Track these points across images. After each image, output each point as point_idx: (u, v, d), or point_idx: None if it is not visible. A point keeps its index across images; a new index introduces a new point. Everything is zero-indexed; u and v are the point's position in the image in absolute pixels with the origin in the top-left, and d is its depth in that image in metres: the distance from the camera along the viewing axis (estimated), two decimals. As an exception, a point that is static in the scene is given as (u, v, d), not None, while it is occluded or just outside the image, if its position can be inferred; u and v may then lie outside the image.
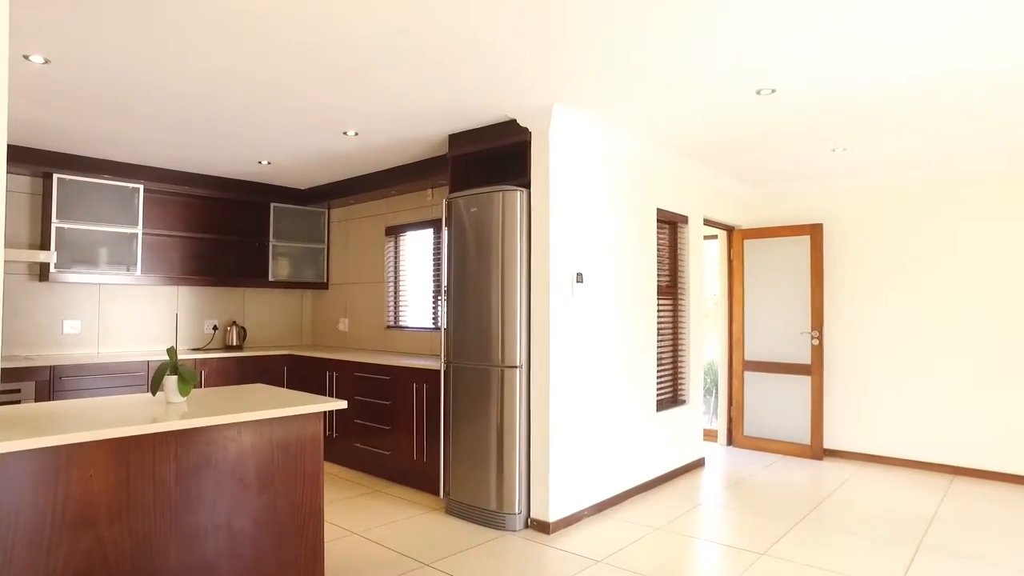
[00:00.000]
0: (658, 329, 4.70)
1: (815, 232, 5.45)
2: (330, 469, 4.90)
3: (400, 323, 5.54)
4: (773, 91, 3.21)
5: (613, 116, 3.71)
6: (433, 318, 5.22)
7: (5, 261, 4.50)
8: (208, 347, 5.54)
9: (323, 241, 6.14)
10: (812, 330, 5.41)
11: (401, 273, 5.58)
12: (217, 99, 3.43)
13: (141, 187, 4.91)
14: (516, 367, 3.61)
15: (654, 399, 4.55)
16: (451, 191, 4.10)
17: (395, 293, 5.61)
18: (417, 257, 5.45)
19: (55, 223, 4.53)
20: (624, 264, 4.23)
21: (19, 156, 4.42)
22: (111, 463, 2.03)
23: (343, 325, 6.01)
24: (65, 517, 1.92)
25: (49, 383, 4.27)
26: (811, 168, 5.04)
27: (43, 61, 2.87)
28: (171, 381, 2.44)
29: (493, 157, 4.14)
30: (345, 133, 4.08)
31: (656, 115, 3.67)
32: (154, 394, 2.41)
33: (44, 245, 4.61)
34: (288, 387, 5.48)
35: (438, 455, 4.15)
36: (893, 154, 4.53)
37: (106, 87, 3.24)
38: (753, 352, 5.79)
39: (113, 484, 2.03)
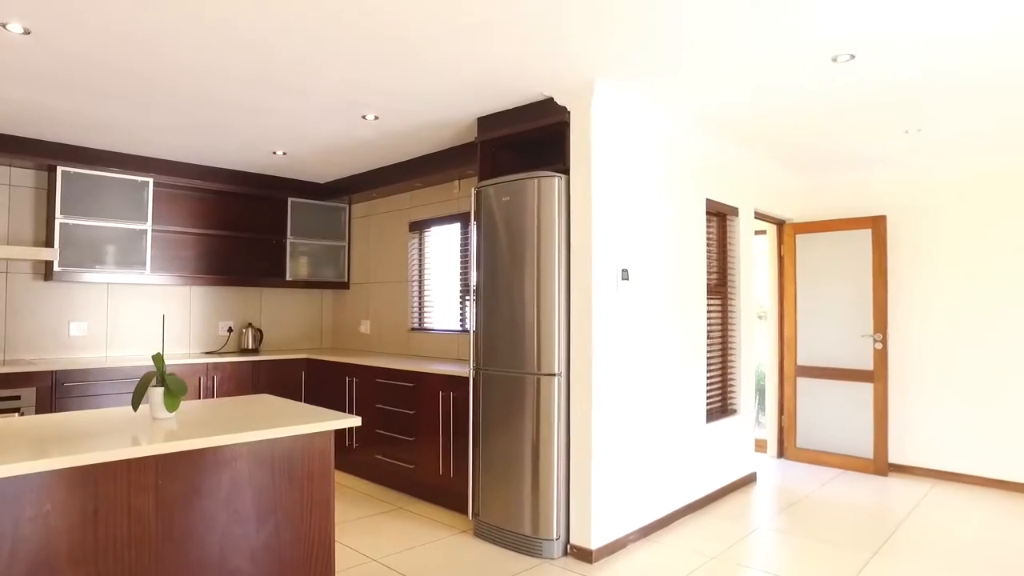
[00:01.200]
0: (707, 332, 4.26)
1: (877, 225, 4.96)
2: (349, 482, 4.55)
3: (425, 325, 5.18)
4: (852, 57, 2.77)
5: (661, 93, 3.30)
6: (460, 320, 4.85)
7: (7, 259, 4.23)
8: (223, 350, 5.24)
9: (344, 238, 5.81)
10: (874, 333, 4.92)
11: (426, 271, 5.23)
12: (222, 75, 3.09)
13: (151, 180, 4.62)
14: (554, 375, 3.22)
15: (704, 409, 4.11)
16: (480, 180, 3.72)
17: (419, 293, 5.25)
18: (443, 254, 5.09)
19: (59, 219, 4.25)
20: (672, 260, 3.80)
21: (21, 148, 4.15)
22: (74, 495, 1.68)
23: (365, 327, 5.68)
24: (14, 564, 1.58)
25: (51, 389, 3.99)
26: (875, 154, 4.56)
27: (23, 31, 2.56)
28: (156, 394, 2.09)
29: (527, 141, 3.75)
30: (364, 117, 3.73)
31: (710, 90, 3.25)
32: (135, 409, 2.06)
33: (49, 242, 4.34)
34: (306, 393, 5.15)
35: (466, 471, 3.78)
36: (974, 135, 4.04)
37: (98, 64, 2.92)
38: (807, 356, 5.31)
39: (78, 520, 1.68)
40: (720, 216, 4.58)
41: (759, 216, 5.07)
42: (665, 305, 3.73)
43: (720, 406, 4.50)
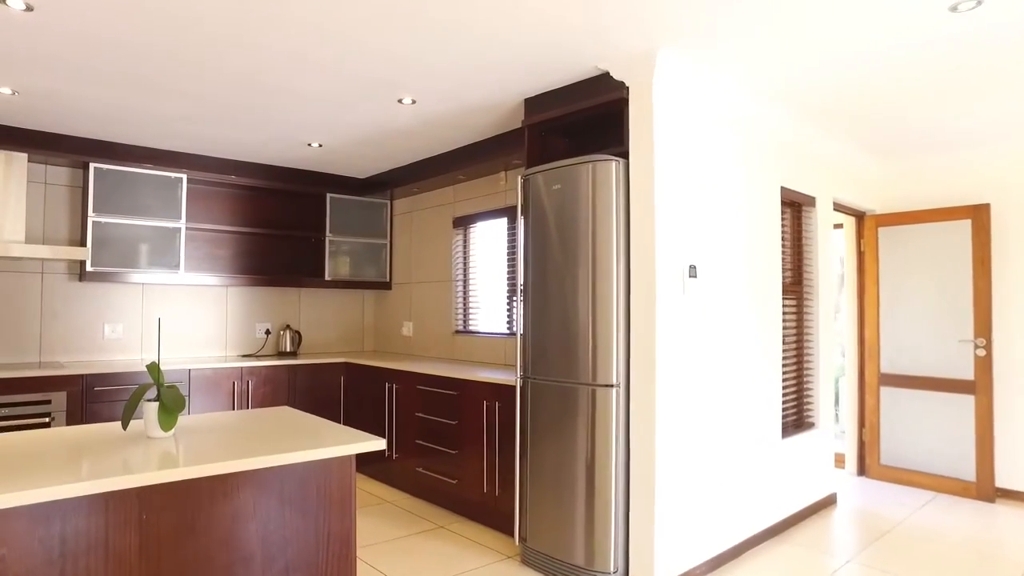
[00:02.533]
0: (781, 336, 3.80)
1: (979, 215, 4.37)
2: (389, 495, 4.26)
3: (470, 327, 4.85)
4: (978, 2, 2.29)
5: (733, 61, 2.87)
6: (508, 322, 4.50)
7: (43, 259, 4.10)
8: (260, 353, 5.03)
9: (385, 236, 5.55)
10: (975, 337, 4.33)
11: (471, 270, 4.90)
12: (249, 50, 2.82)
13: (184, 177, 4.44)
14: (612, 386, 2.83)
15: (779, 423, 3.65)
16: (528, 167, 3.36)
17: (464, 293, 4.93)
18: (489, 251, 4.75)
19: (91, 217, 4.09)
20: (744, 255, 3.36)
21: (54, 144, 4.01)
22: (34, 535, 1.39)
23: (407, 329, 5.39)
24: (-43, 623, 1.30)
25: (81, 394, 3.82)
26: (979, 132, 4.00)
27: (24, 7, 2.33)
28: (150, 410, 1.81)
29: (579, 124, 3.37)
30: (400, 101, 3.42)
31: (794, 55, 2.81)
32: (125, 426, 1.78)
33: (83, 241, 4.19)
34: (345, 400, 4.90)
35: (513, 489, 3.42)
36: (1104, 108, 3.46)
37: (108, 46, 2.69)
38: (892, 363, 4.75)
39: (41, 564, 1.40)
40: (794, 207, 4.09)
41: (836, 207, 4.55)
42: (736, 306, 3.30)
43: (796, 419, 4.02)
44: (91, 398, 3.85)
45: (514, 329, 4.15)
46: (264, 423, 2.14)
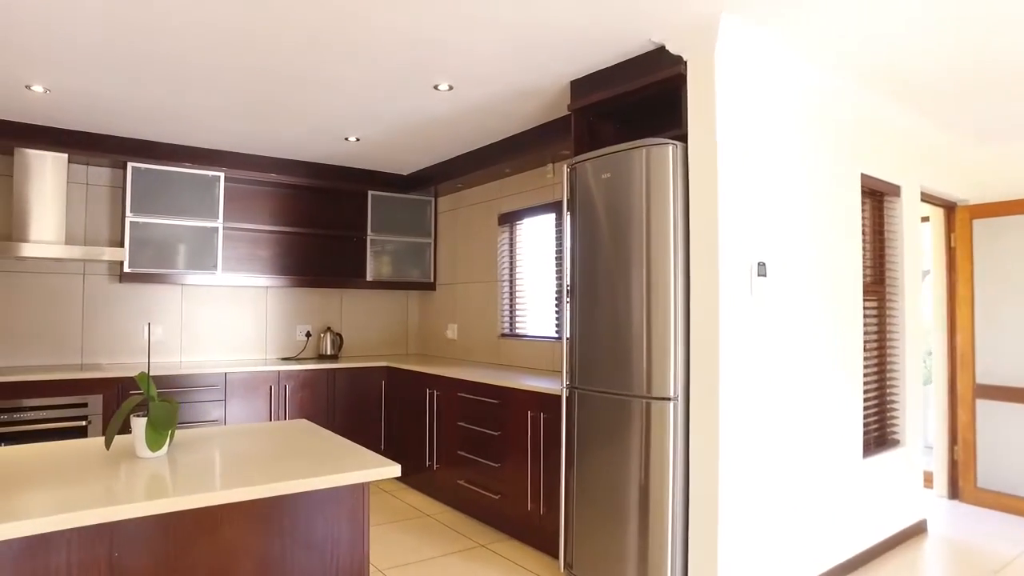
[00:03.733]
0: (862, 342, 3.37)
1: (1095, 205, 3.81)
2: (429, 507, 4.03)
3: (517, 331, 4.58)
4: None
5: (804, 33, 2.50)
6: (557, 325, 4.20)
7: (83, 260, 4.05)
8: (300, 356, 4.89)
9: (429, 234, 5.33)
10: (1092, 345, 3.78)
11: (517, 270, 4.63)
12: (262, 38, 2.63)
13: (221, 175, 4.32)
14: (669, 399, 2.50)
15: (860, 440, 3.23)
16: (575, 155, 3.07)
17: (511, 294, 4.66)
18: (536, 249, 4.47)
19: (129, 217, 4.02)
20: (819, 251, 2.97)
21: (93, 144, 3.95)
22: (-22, 583, 1.19)
23: (451, 332, 5.16)
24: None
25: (117, 397, 3.74)
26: (1099, 109, 3.47)
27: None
28: (138, 426, 1.60)
29: (631, 106, 3.05)
30: (436, 87, 3.17)
31: (879, 18, 2.42)
32: (108, 446, 1.58)
33: (123, 242, 4.12)
34: (385, 406, 4.70)
35: (558, 508, 3.12)
36: None
37: (134, 36, 2.54)
38: (989, 373, 4.22)
39: (-11, 616, 1.20)
40: (876, 196, 3.65)
41: (924, 198, 4.07)
42: (810, 309, 2.91)
43: (879, 435, 3.57)
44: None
45: (563, 333, 3.86)
46: (274, 440, 1.92)
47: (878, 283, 3.63)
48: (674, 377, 2.50)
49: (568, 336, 2.96)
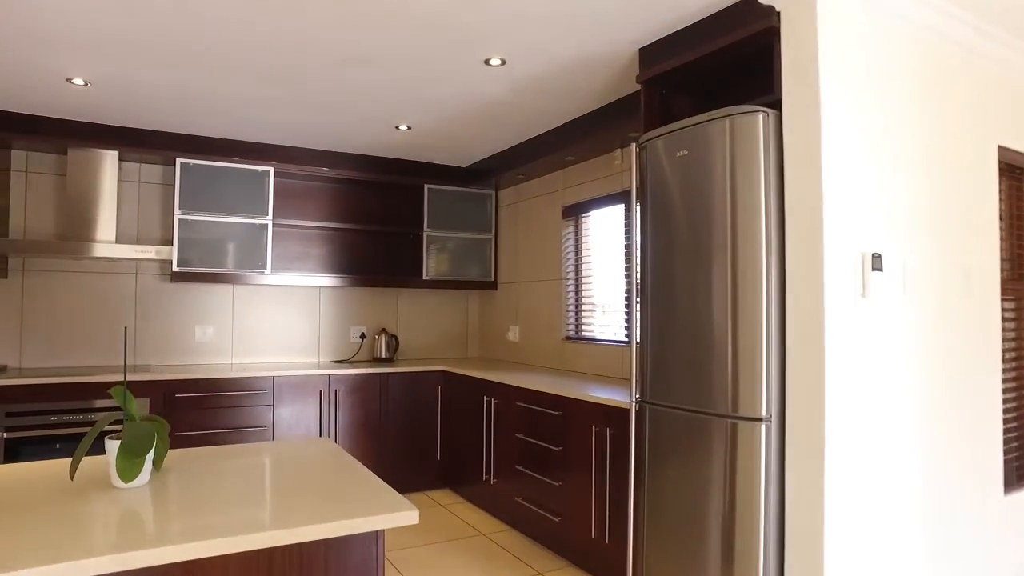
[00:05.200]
0: (1001, 351, 2.79)
1: None
2: (485, 525, 3.70)
3: (583, 334, 4.19)
4: None
5: (944, -39, 2.01)
6: (626, 328, 3.79)
7: (132, 259, 3.96)
8: (355, 359, 4.68)
9: (490, 230, 5.02)
10: None
11: (584, 267, 4.24)
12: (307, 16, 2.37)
13: (271, 170, 4.15)
14: (759, 419, 2.06)
15: (999, 470, 2.67)
16: (645, 131, 2.66)
17: (576, 294, 4.28)
18: (604, 244, 4.07)
19: (177, 215, 3.90)
20: (945, 240, 2.44)
21: (142, 140, 3.85)
22: None
23: (513, 334, 4.82)
24: None
25: (163, 400, 3.61)
26: None
27: (33, -44, 2.00)
28: (112, 451, 1.34)
29: (710, 73, 2.61)
30: (487, 62, 2.84)
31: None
32: (72, 475, 1.32)
33: (172, 240, 4.01)
34: (441, 414, 4.41)
35: (626, 537, 2.72)
36: None
37: (167, 17, 2.33)
38: None
39: None
40: (1016, 174, 3.05)
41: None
42: (935, 310, 2.39)
43: (1021, 464, 2.97)
44: (174, 405, 3.63)
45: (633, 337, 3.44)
46: (283, 465, 1.63)
47: (1018, 280, 3.02)
48: (766, 394, 2.06)
49: (637, 342, 2.56)
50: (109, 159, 3.77)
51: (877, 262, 2.09)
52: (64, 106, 3.47)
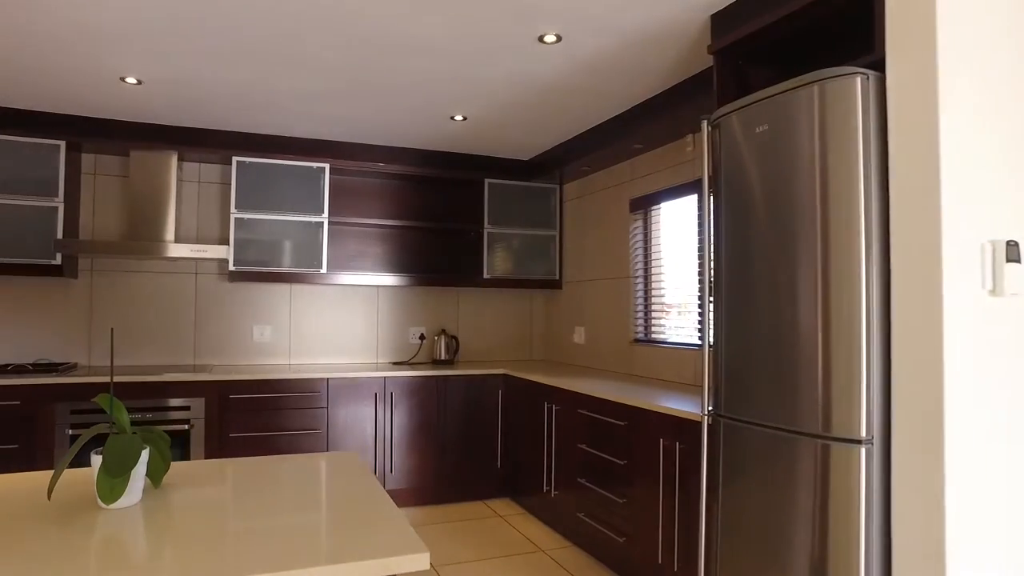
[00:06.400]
0: None
1: None
2: (544, 540, 3.46)
3: (652, 336, 3.88)
4: None
5: None
6: (700, 330, 3.46)
7: (192, 259, 3.96)
8: (413, 361, 4.54)
9: (554, 226, 4.77)
10: None
11: (653, 264, 3.92)
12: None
13: (327, 166, 4.06)
14: (858, 442, 1.72)
15: None
16: (718, 107, 2.35)
17: (645, 293, 3.97)
18: (676, 239, 3.74)
19: (233, 213, 3.86)
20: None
21: (200, 139, 3.85)
22: None
23: (578, 336, 4.56)
24: None
25: (218, 401, 3.57)
26: None
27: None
28: (96, 467, 1.19)
29: (792, 38, 2.27)
30: (542, 39, 2.60)
31: None
32: (49, 495, 1.18)
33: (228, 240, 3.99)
34: (503, 419, 4.20)
35: (696, 566, 2.41)
36: None
37: (207, 9, 2.23)
38: None
39: None
40: None
41: None
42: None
43: None
44: (228, 406, 3.58)
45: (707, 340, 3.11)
46: (294, 486, 1.45)
47: None
48: (865, 410, 1.72)
49: (711, 346, 2.26)
50: (169, 160, 3.78)
51: (1013, 252, 1.70)
52: (123, 107, 3.48)
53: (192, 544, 1.08)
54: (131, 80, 3.09)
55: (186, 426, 3.49)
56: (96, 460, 1.23)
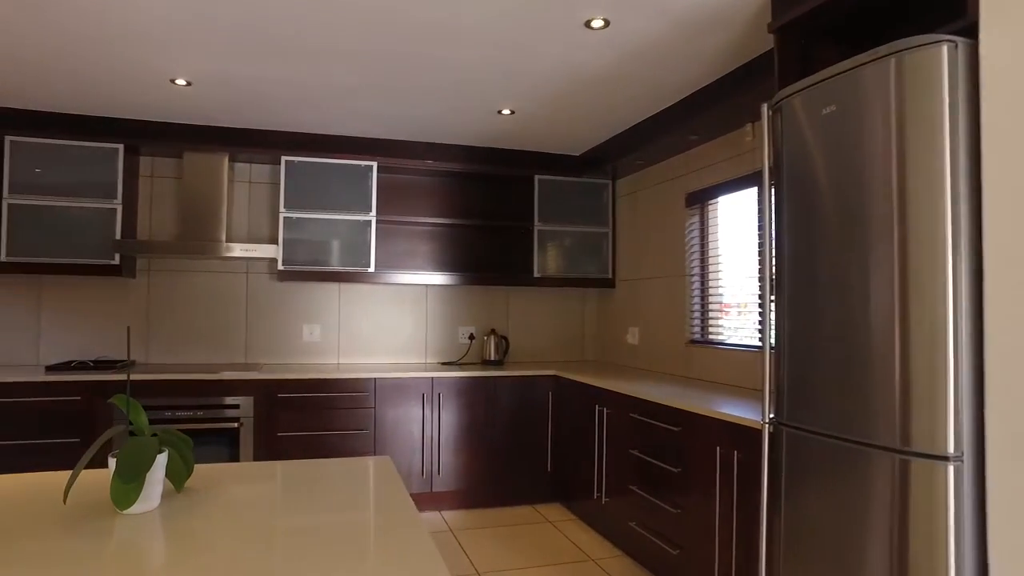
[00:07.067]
0: None
1: None
2: (594, 548, 3.32)
3: (710, 337, 3.69)
4: None
5: None
6: (761, 331, 3.26)
7: (243, 258, 4.00)
8: (462, 361, 4.47)
9: (607, 223, 4.61)
10: None
11: (710, 261, 3.73)
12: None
13: (374, 164, 4.04)
14: (945, 458, 1.53)
15: None
16: (780, 88, 2.17)
17: (702, 291, 3.78)
18: (734, 235, 3.54)
19: (282, 213, 3.88)
20: None
21: (250, 139, 3.88)
22: None
23: (632, 336, 4.39)
24: None
25: (267, 400, 3.58)
26: None
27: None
28: (112, 468, 1.14)
29: (862, 10, 2.07)
30: (588, 24, 2.47)
31: None
32: (65, 499, 1.13)
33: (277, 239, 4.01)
34: (553, 422, 4.08)
35: (759, 588, 2.24)
36: None
37: (252, 6, 2.21)
38: None
39: None
40: None
41: None
42: None
43: None
44: (276, 405, 3.59)
45: (768, 341, 2.91)
46: (317, 494, 1.38)
47: None
48: (953, 424, 1.52)
49: (772, 349, 2.08)
50: (221, 160, 3.82)
51: (1126, 243, 1.48)
52: (176, 109, 3.54)
53: (208, 553, 1.01)
54: (180, 81, 3.12)
55: (235, 424, 3.52)
56: (113, 463, 1.18)
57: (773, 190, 2.09)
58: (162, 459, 1.21)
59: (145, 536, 1.09)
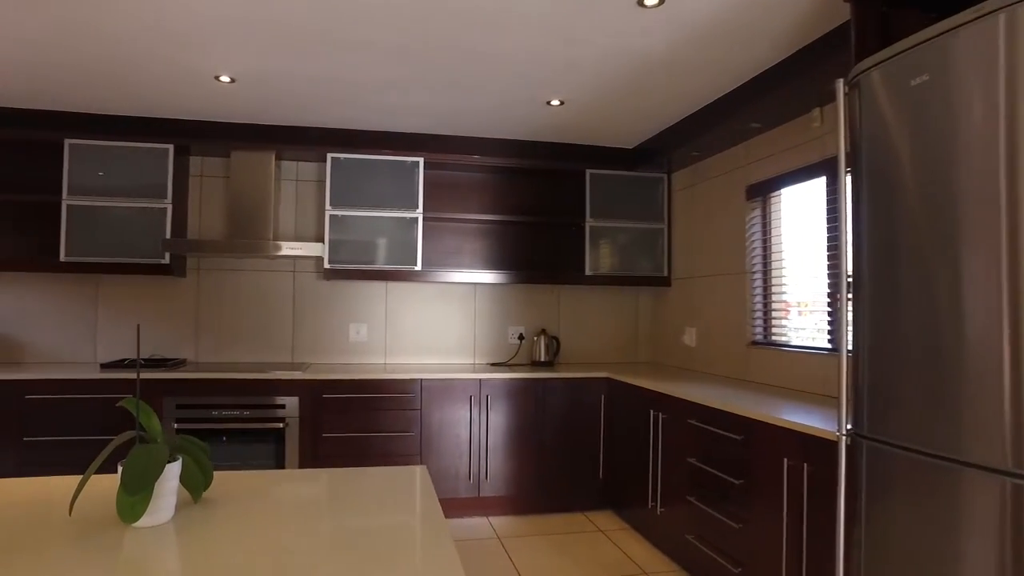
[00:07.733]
0: None
1: None
2: (649, 560, 3.14)
3: (773, 338, 3.45)
4: None
5: None
6: (831, 332, 3.01)
7: (291, 257, 3.98)
8: (512, 362, 4.34)
9: (662, 219, 4.41)
10: None
11: (773, 257, 3.49)
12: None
13: (421, 160, 3.95)
14: (1062, 484, 1.31)
15: None
16: (857, 62, 1.95)
17: (764, 290, 3.55)
18: (800, 229, 3.30)
19: (328, 211, 3.84)
20: None
21: (297, 137, 3.85)
22: None
23: (689, 337, 4.17)
24: None
25: (312, 400, 3.54)
26: None
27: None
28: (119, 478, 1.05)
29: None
30: (642, 3, 2.29)
31: None
32: (71, 511, 1.05)
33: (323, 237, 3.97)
34: (605, 427, 3.91)
35: (834, 616, 2.02)
36: None
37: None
38: None
39: None
40: None
41: None
42: None
43: None
44: (321, 406, 3.54)
45: (840, 345, 2.67)
46: (344, 509, 1.27)
47: None
48: (1075, 442, 1.30)
49: (849, 353, 1.87)
50: (268, 159, 3.81)
51: None
52: (222, 108, 3.53)
53: (221, 570, 0.91)
54: (225, 78, 3.10)
55: (281, 425, 3.49)
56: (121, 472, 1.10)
57: (851, 177, 1.88)
58: (174, 468, 1.12)
59: (154, 552, 1.00)
